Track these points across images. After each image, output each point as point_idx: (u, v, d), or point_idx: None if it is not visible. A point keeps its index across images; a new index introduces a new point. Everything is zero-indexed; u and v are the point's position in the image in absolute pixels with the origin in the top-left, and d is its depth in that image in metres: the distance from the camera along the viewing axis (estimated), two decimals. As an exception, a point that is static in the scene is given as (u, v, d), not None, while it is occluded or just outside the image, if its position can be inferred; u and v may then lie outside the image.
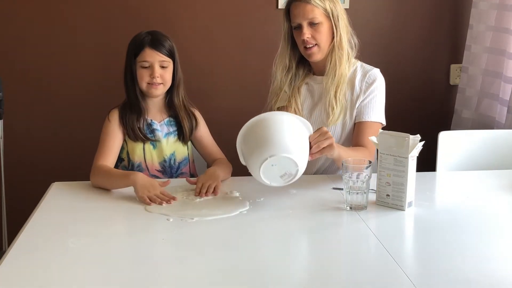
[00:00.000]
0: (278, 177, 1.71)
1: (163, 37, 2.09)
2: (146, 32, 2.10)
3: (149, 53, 2.05)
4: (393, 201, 1.76)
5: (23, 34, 2.78)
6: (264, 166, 1.67)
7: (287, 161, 1.68)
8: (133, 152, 2.11)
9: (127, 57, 2.11)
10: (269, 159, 1.66)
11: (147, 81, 2.07)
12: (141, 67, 2.06)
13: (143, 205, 1.80)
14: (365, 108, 2.13)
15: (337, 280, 1.38)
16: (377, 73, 2.17)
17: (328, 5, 2.08)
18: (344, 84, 2.12)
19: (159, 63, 2.06)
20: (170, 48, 2.09)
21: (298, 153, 1.70)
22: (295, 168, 1.69)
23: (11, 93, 2.71)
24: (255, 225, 1.67)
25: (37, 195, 1.92)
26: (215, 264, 1.43)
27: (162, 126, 2.13)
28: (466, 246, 1.52)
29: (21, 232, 1.59)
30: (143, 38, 2.07)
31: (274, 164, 1.67)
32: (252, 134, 1.75)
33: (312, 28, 2.08)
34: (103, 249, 1.51)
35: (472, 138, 2.40)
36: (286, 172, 1.70)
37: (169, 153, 2.14)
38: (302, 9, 2.08)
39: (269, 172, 1.69)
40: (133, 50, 2.08)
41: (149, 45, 2.05)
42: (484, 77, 2.76)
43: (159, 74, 2.06)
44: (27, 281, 1.34)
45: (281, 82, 2.19)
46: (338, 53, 2.11)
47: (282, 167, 1.69)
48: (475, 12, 2.82)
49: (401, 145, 1.73)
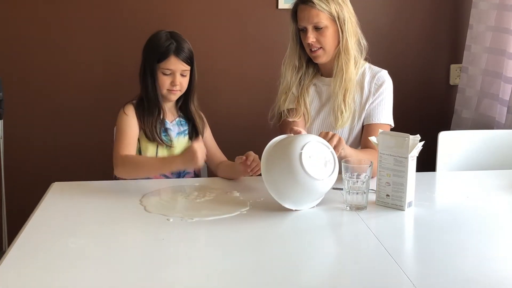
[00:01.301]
0: (323, 167, 1.71)
1: (185, 43, 2.08)
2: (168, 35, 2.07)
3: (173, 62, 2.05)
4: (393, 201, 1.76)
5: (23, 34, 2.78)
6: (305, 162, 1.67)
7: (320, 147, 1.72)
8: (146, 150, 2.09)
9: (148, 58, 2.08)
10: (303, 151, 1.67)
11: (167, 87, 2.07)
12: (163, 74, 2.06)
13: (143, 205, 1.79)
14: (374, 110, 2.13)
15: (337, 280, 1.38)
16: (386, 74, 2.17)
17: (334, 8, 2.07)
18: (353, 88, 2.11)
19: (180, 71, 2.06)
20: (191, 56, 2.09)
21: (325, 142, 1.75)
22: (329, 152, 1.74)
23: (11, 93, 2.71)
24: (255, 225, 1.67)
25: (37, 195, 1.92)
26: (215, 264, 1.43)
27: (174, 125, 2.14)
28: (466, 246, 1.52)
29: (21, 232, 1.59)
30: (169, 46, 2.05)
31: (311, 155, 1.69)
32: (278, 151, 1.76)
33: (317, 32, 2.08)
34: (103, 249, 1.51)
35: (472, 138, 2.40)
36: (325, 159, 1.72)
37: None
38: (307, 13, 2.07)
39: (312, 167, 1.69)
40: (156, 54, 2.05)
41: (174, 54, 2.04)
42: (484, 77, 2.76)
43: (179, 82, 2.06)
44: (27, 281, 1.34)
45: (290, 82, 2.19)
46: (344, 57, 2.10)
47: (319, 156, 1.71)
48: (475, 12, 2.81)
49: (401, 145, 1.73)
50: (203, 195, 1.88)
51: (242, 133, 2.86)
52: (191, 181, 2.09)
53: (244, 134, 2.86)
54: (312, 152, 1.70)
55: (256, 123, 2.66)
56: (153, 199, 1.85)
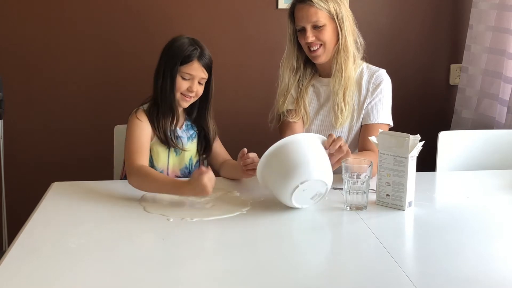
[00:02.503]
0: (309, 199, 1.73)
1: (207, 51, 2.06)
2: (191, 41, 2.04)
3: (196, 67, 2.02)
4: (393, 201, 1.76)
5: (23, 34, 2.78)
6: (296, 193, 1.69)
7: (318, 183, 1.70)
8: (157, 157, 2.07)
9: (168, 60, 2.03)
10: (300, 185, 1.67)
11: (183, 92, 2.03)
12: (182, 78, 2.02)
13: (142, 205, 1.79)
14: (372, 110, 2.12)
15: (337, 280, 1.38)
16: (384, 74, 2.16)
17: (333, 6, 2.06)
18: (352, 86, 2.11)
19: (199, 79, 2.04)
20: (211, 64, 2.06)
21: (325, 173, 1.72)
22: (324, 187, 1.72)
23: (11, 93, 2.71)
24: (255, 225, 1.67)
25: (37, 195, 1.92)
26: (215, 265, 1.43)
27: (183, 131, 2.12)
28: (466, 246, 1.52)
29: (21, 232, 1.59)
30: (193, 50, 2.02)
31: (305, 189, 1.69)
32: (275, 163, 1.73)
33: (316, 30, 2.07)
34: (103, 249, 1.51)
35: (472, 138, 2.40)
36: (316, 193, 1.72)
37: (188, 159, 2.13)
38: (305, 12, 2.07)
39: (300, 197, 1.71)
40: (179, 58, 2.01)
41: (198, 59, 2.01)
42: (484, 77, 2.76)
43: (196, 89, 2.04)
44: (27, 281, 1.34)
45: (289, 83, 2.18)
46: (344, 55, 2.09)
47: (312, 190, 1.71)
48: (475, 12, 2.82)
49: (401, 145, 1.73)
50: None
51: (242, 133, 2.86)
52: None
53: (244, 134, 2.86)
54: (307, 187, 1.69)
55: (256, 123, 2.66)
56: (153, 199, 1.85)
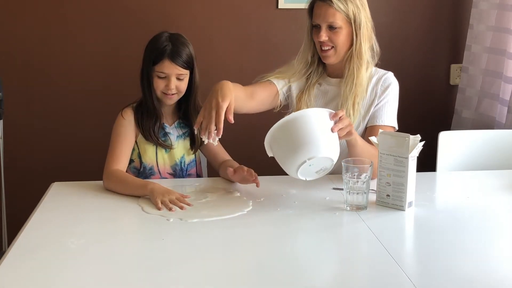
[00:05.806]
0: (314, 173, 1.77)
1: (184, 46, 2.04)
2: (167, 37, 2.04)
3: (167, 66, 2.01)
4: (393, 201, 1.76)
5: (23, 34, 2.78)
6: (302, 168, 1.71)
7: (324, 159, 1.73)
8: (144, 153, 2.09)
9: (145, 60, 2.06)
10: (307, 161, 1.69)
11: (162, 90, 2.04)
12: (158, 77, 2.03)
13: (141, 205, 1.79)
14: (378, 112, 2.11)
15: (337, 279, 1.38)
16: (392, 77, 2.15)
17: (352, 10, 2.03)
18: (363, 94, 2.09)
19: (176, 75, 2.03)
20: (188, 60, 2.05)
21: (332, 150, 1.75)
22: (330, 163, 1.75)
23: (11, 93, 2.71)
24: (255, 225, 1.67)
25: (37, 195, 1.92)
26: (215, 265, 1.43)
27: (173, 129, 2.12)
28: (466, 246, 1.52)
29: (21, 232, 1.59)
30: (164, 48, 2.01)
31: (312, 164, 1.72)
32: (285, 136, 1.75)
33: (330, 31, 2.04)
34: (103, 250, 1.51)
35: (472, 138, 2.40)
36: (322, 167, 1.76)
37: (179, 156, 2.13)
38: (324, 11, 2.04)
39: (305, 171, 1.74)
40: (151, 57, 2.03)
41: (168, 57, 2.01)
42: (484, 77, 2.76)
43: (175, 85, 2.03)
44: (27, 281, 1.34)
45: (296, 71, 2.16)
46: (357, 61, 2.06)
47: (318, 165, 1.74)
48: (475, 12, 2.81)
49: (401, 145, 1.73)
50: (204, 195, 1.88)
51: (242, 133, 2.85)
52: (192, 181, 2.09)
53: (244, 134, 2.86)
54: (314, 163, 1.72)
55: (256, 122, 2.66)
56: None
